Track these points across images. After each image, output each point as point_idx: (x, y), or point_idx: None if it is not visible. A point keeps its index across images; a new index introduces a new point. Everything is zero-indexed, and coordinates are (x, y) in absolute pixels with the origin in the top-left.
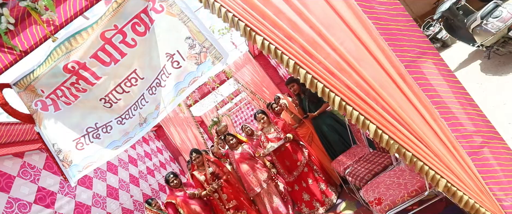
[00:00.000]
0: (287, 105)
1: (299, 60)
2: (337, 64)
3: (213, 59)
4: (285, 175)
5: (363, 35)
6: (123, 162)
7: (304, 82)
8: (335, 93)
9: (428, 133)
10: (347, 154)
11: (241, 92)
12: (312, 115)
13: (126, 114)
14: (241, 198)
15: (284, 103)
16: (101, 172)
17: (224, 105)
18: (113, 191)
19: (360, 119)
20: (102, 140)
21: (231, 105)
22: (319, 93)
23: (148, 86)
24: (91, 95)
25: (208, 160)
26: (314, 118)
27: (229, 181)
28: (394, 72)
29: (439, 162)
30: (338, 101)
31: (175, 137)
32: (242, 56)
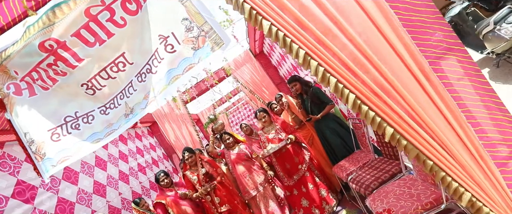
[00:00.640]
0: (289, 105)
1: (310, 50)
2: (353, 57)
3: (212, 45)
4: (284, 178)
5: (383, 25)
6: (113, 157)
7: (315, 75)
8: (350, 90)
9: (452, 140)
10: (350, 159)
11: (239, 91)
12: (315, 118)
13: (111, 102)
14: (235, 202)
15: (286, 102)
16: (89, 167)
17: (221, 104)
18: (100, 188)
19: (376, 120)
20: (81, 131)
21: (229, 104)
22: (332, 89)
23: (137, 72)
24: (71, 79)
25: (202, 159)
26: (316, 120)
27: (223, 183)
28: (417, 69)
29: (464, 173)
30: (352, 99)
31: (170, 133)
32: (242, 54)
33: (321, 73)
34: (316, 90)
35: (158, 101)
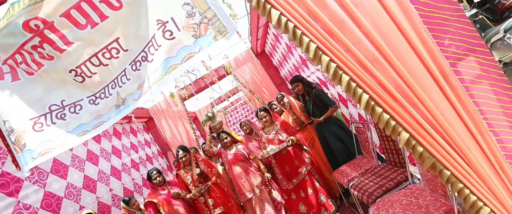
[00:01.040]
0: (290, 105)
1: (322, 44)
2: (368, 53)
3: (215, 34)
4: (283, 181)
5: (402, 20)
6: (105, 152)
7: (327, 72)
8: (363, 90)
9: (472, 149)
10: (351, 165)
11: (239, 91)
12: (317, 121)
13: (102, 92)
14: (229, 204)
15: (287, 103)
16: (80, 161)
17: (220, 102)
18: (90, 183)
19: (390, 123)
20: (67, 122)
21: (227, 103)
22: (343, 88)
23: (131, 60)
24: (59, 65)
25: (197, 159)
26: (319, 123)
27: (218, 184)
28: (437, 70)
29: (483, 185)
30: (365, 100)
31: (166, 130)
32: (243, 53)
33: (332, 69)
34: (319, 92)
35: (152, 92)
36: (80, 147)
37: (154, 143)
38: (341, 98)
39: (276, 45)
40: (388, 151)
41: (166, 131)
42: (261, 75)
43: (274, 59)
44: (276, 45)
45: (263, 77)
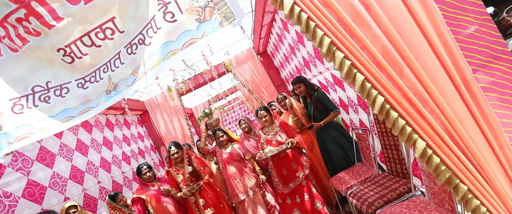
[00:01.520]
0: (292, 106)
1: (337, 39)
2: (386, 52)
3: (221, 19)
4: (279, 185)
5: (424, 19)
6: (96, 143)
7: (340, 69)
8: (379, 91)
9: (491, 163)
10: (350, 172)
11: (237, 90)
12: (318, 125)
13: (92, 75)
14: (221, 205)
15: (289, 103)
16: (68, 150)
17: (217, 100)
18: (77, 174)
19: (406, 130)
20: (51, 106)
21: (225, 102)
22: (357, 88)
23: (127, 42)
24: (46, 42)
25: (190, 156)
26: (320, 127)
27: (210, 184)
28: (458, 76)
29: (501, 204)
30: (380, 103)
31: (161, 125)
32: (245, 51)
33: (346, 67)
34: (321, 95)
35: (148, 79)
36: (70, 136)
37: (147, 137)
38: (342, 103)
39: (278, 46)
40: (390, 160)
41: (160, 126)
42: (261, 75)
43: (276, 59)
44: (278, 46)
45: (263, 77)
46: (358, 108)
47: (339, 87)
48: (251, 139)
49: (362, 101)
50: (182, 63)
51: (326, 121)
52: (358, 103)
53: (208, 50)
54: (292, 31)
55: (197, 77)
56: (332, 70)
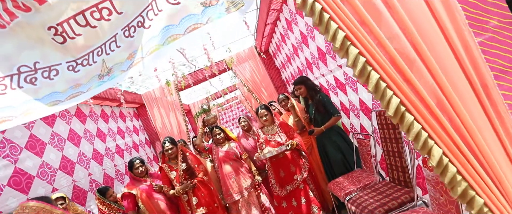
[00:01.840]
0: (294, 106)
1: (352, 33)
2: (403, 51)
3: (228, 5)
4: (276, 187)
5: (445, 19)
6: (89, 133)
7: (353, 66)
8: (394, 92)
9: (510, 176)
10: (349, 178)
11: (236, 89)
12: (319, 131)
13: (84, 58)
14: (214, 204)
15: (291, 104)
16: (60, 139)
17: (216, 98)
18: (67, 164)
19: (421, 135)
20: (37, 88)
21: (223, 100)
22: (371, 87)
23: (125, 25)
24: (36, 18)
25: (184, 153)
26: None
27: (204, 182)
28: (478, 81)
29: None
30: (395, 104)
31: (157, 119)
32: (246, 49)
33: (361, 64)
34: (323, 98)
35: (145, 64)
36: (62, 125)
37: (143, 131)
38: (343, 107)
39: (281, 46)
40: (392, 167)
41: (157, 120)
42: (261, 75)
43: (277, 60)
44: (281, 46)
45: (264, 77)
46: (360, 112)
47: (341, 90)
48: (250, 138)
49: (364, 106)
50: (182, 58)
51: (327, 125)
52: (360, 108)
53: (210, 44)
54: (296, 31)
55: (196, 73)
56: (336, 73)
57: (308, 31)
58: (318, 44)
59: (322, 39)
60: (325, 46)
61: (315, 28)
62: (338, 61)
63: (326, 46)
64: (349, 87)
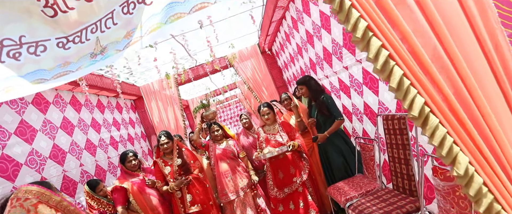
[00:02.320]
0: (297, 106)
1: (374, 24)
2: (429, 47)
3: None
4: (274, 188)
5: (476, 16)
6: (83, 123)
7: (375, 60)
8: (418, 91)
9: None
10: (350, 183)
11: (236, 87)
12: (323, 137)
13: (77, 35)
14: (209, 203)
15: (294, 104)
16: (52, 127)
17: (215, 95)
18: (58, 153)
19: (447, 140)
20: (20, 64)
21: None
22: (394, 84)
23: (123, 0)
24: None
25: (180, 148)
26: (322, 132)
27: (199, 179)
28: (508, 84)
29: None
30: (419, 104)
31: (154, 113)
32: (249, 47)
33: (383, 58)
34: (327, 100)
35: (143, 44)
36: (56, 112)
37: (139, 124)
38: (345, 111)
39: (285, 45)
40: (397, 174)
41: (154, 114)
42: (263, 74)
43: (280, 59)
44: (285, 45)
45: (265, 76)
46: (363, 116)
47: (344, 93)
48: (250, 136)
49: (369, 110)
50: (183, 51)
51: (331, 131)
52: (364, 112)
53: (213, 37)
54: (301, 31)
55: (197, 68)
56: (341, 74)
57: (314, 30)
58: (325, 44)
59: (328, 39)
60: (331, 46)
61: (334, 18)
62: (344, 62)
63: (333, 46)
64: (353, 90)
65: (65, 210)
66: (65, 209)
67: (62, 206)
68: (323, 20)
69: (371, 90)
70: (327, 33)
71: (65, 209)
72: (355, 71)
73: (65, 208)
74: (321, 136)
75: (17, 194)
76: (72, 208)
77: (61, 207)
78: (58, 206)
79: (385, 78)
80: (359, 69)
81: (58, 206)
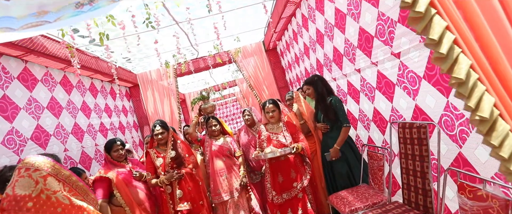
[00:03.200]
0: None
1: (447, 15)
2: (505, 40)
3: None
4: (271, 192)
5: None
6: (72, 105)
7: (438, 43)
8: (487, 88)
9: None
10: (354, 193)
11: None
12: (335, 152)
13: None
14: (200, 202)
15: (298, 111)
16: (37, 106)
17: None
18: (41, 135)
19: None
20: None
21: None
22: (461, 73)
23: None
24: None
25: (175, 140)
26: (326, 136)
27: (192, 175)
28: None
29: None
30: (489, 105)
31: (149, 103)
32: (253, 44)
33: (448, 42)
34: (335, 103)
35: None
36: (43, 91)
37: (132, 113)
38: (351, 117)
39: (291, 45)
40: (410, 188)
41: (149, 104)
42: (265, 72)
43: (284, 59)
44: (291, 45)
45: (267, 75)
46: (371, 124)
47: (352, 98)
48: (251, 134)
49: (378, 117)
50: (186, 41)
51: (341, 141)
52: (372, 118)
53: (221, 24)
54: (311, 29)
55: (198, 61)
56: (351, 77)
57: (326, 29)
58: (336, 45)
59: (341, 40)
60: (343, 47)
61: (351, 17)
62: (357, 64)
63: (345, 47)
64: (364, 95)
65: (74, 185)
66: (74, 184)
67: (71, 181)
68: (338, 19)
69: (385, 95)
70: (340, 33)
71: (74, 184)
72: (368, 74)
73: (73, 184)
74: (333, 151)
75: (26, 165)
76: (81, 184)
77: (69, 182)
78: (67, 180)
79: (447, 68)
80: (373, 72)
81: (67, 180)
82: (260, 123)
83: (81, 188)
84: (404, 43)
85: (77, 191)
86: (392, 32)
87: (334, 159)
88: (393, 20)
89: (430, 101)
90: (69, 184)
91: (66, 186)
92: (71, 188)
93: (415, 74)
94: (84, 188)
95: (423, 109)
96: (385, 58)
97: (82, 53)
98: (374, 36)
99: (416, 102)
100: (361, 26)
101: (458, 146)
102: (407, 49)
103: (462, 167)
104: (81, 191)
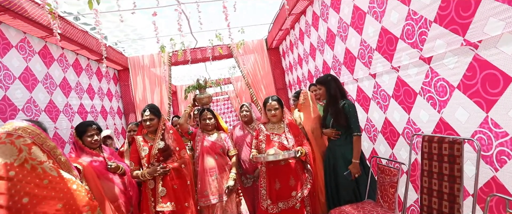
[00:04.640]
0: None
1: None
2: None
3: None
4: (266, 199)
5: None
6: (51, 80)
7: None
8: None
9: None
10: (360, 209)
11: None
12: (356, 167)
13: None
14: (185, 204)
15: (299, 122)
16: (8, 75)
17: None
18: (7, 109)
19: None
20: None
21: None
22: None
23: None
24: None
25: (167, 129)
26: (333, 144)
27: (181, 172)
28: None
29: None
30: None
31: (138, 89)
32: (255, 41)
33: None
34: (348, 107)
35: None
36: (18, 59)
37: (118, 98)
38: None
39: (296, 44)
40: (432, 210)
41: (138, 90)
42: (265, 71)
43: (285, 60)
44: (296, 44)
45: (266, 74)
46: (379, 135)
47: (360, 106)
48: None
49: (389, 128)
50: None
51: (357, 154)
52: (381, 130)
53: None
54: (321, 29)
55: (195, 51)
56: (363, 83)
57: (339, 29)
58: (349, 46)
59: (357, 40)
60: (358, 49)
61: (372, 16)
62: (373, 68)
63: (361, 49)
64: (375, 103)
65: (57, 158)
66: (57, 157)
67: (55, 154)
68: (355, 18)
69: (402, 105)
70: (356, 33)
71: (57, 157)
72: (385, 80)
73: (57, 157)
74: (353, 167)
75: (8, 129)
76: (64, 159)
77: (53, 155)
78: (51, 152)
79: None
80: (392, 78)
81: (51, 152)
82: (258, 121)
83: (64, 163)
84: (439, 46)
85: (59, 166)
86: (424, 33)
87: (357, 176)
88: (427, 19)
89: (461, 115)
90: (53, 156)
91: (50, 158)
92: (54, 161)
93: (447, 83)
94: (67, 163)
95: (450, 123)
96: (411, 63)
97: (69, 24)
98: (399, 38)
99: (441, 115)
100: (383, 26)
101: (492, 169)
102: (442, 53)
103: (495, 192)
104: (64, 166)
